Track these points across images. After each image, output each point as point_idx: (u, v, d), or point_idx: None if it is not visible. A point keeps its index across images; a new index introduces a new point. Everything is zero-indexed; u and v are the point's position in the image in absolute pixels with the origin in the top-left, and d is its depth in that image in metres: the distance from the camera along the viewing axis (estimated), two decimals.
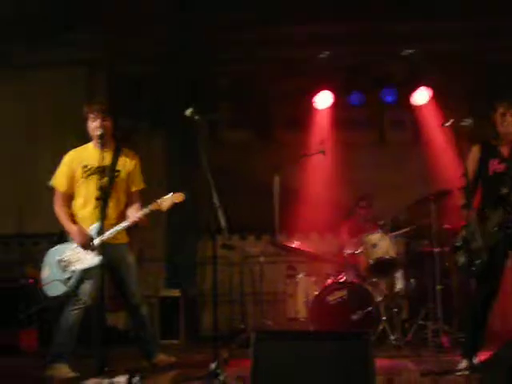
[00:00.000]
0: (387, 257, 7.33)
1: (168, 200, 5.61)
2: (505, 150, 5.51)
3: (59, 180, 5.88)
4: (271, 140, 9.50)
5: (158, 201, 5.62)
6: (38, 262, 6.04)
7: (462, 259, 5.37)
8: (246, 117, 9.48)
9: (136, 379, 4.85)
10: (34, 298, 7.75)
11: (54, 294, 5.75)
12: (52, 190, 5.91)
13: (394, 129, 9.36)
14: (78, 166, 5.84)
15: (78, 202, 5.86)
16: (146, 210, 5.65)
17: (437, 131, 8.57)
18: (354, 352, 4.32)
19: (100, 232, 5.40)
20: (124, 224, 5.69)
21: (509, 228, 5.25)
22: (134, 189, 5.95)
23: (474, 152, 5.61)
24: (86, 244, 5.64)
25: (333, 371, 4.25)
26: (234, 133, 9.66)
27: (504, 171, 5.41)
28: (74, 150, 5.95)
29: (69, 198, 5.87)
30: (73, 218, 5.85)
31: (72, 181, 5.85)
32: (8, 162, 9.04)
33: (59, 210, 5.84)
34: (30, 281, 7.94)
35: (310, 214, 8.71)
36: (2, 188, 9.10)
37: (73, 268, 5.68)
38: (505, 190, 5.27)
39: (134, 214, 5.72)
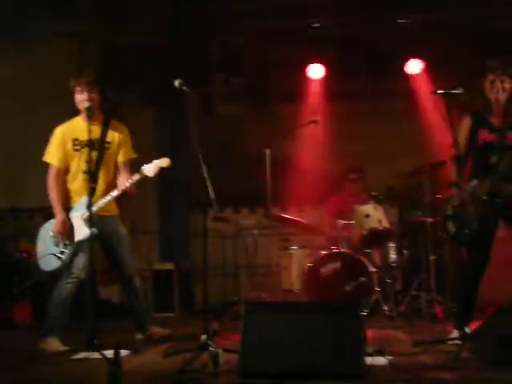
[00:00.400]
0: (380, 227, 7.32)
1: (153, 166, 5.59)
2: (495, 120, 5.49)
3: (54, 154, 5.87)
4: (264, 112, 9.43)
5: (143, 168, 5.61)
6: (32, 237, 6.05)
7: (452, 228, 5.36)
8: (238, 89, 9.40)
9: (124, 352, 4.85)
10: (27, 273, 7.77)
11: (49, 269, 5.79)
12: (47, 165, 5.91)
13: (386, 99, 9.28)
14: (68, 140, 5.84)
15: (70, 175, 5.87)
16: (133, 179, 5.64)
17: (430, 101, 8.52)
18: (346, 323, 4.32)
19: (89, 205, 5.37)
20: (113, 194, 5.68)
21: (498, 197, 5.24)
22: (122, 158, 5.93)
23: (466, 122, 5.59)
24: (62, 236, 5.67)
25: (324, 342, 4.24)
26: (228, 105, 9.58)
27: (493, 140, 5.40)
28: (63, 124, 5.93)
29: (63, 172, 5.88)
30: (67, 192, 5.86)
31: (64, 155, 5.85)
32: (1, 135, 9.00)
33: (52, 189, 5.84)
34: (24, 255, 7.95)
35: (303, 186, 8.69)
36: None
37: (66, 242, 5.69)
38: (494, 159, 5.27)
39: (122, 183, 5.71)
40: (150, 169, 5.60)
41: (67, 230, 5.69)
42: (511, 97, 5.46)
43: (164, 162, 5.63)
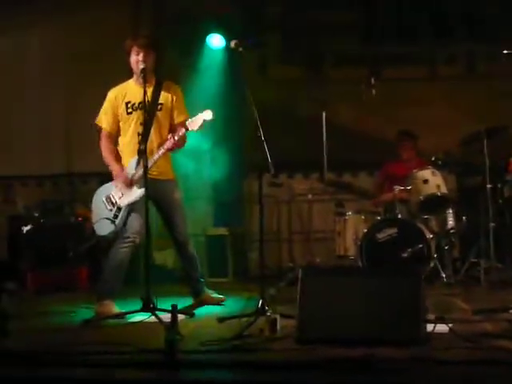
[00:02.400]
0: (439, 193, 7.15)
1: (198, 119, 5.47)
2: None
3: (103, 118, 5.87)
4: (321, 74, 9.25)
5: (187, 122, 5.51)
6: (87, 201, 6.06)
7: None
8: (295, 52, 9.24)
9: (179, 315, 4.83)
10: (83, 237, 7.83)
11: (103, 233, 5.81)
12: (97, 128, 5.89)
13: (445, 63, 9.02)
14: (121, 103, 5.80)
15: (123, 139, 5.85)
16: (178, 134, 5.55)
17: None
18: (405, 288, 4.23)
19: (143, 166, 5.35)
20: (159, 152, 5.60)
21: None
22: (176, 121, 5.84)
23: None
24: (127, 183, 5.64)
25: (382, 308, 4.17)
26: (284, 68, 9.41)
27: None
28: (115, 88, 5.90)
29: (114, 135, 5.86)
30: (118, 156, 5.83)
31: (116, 118, 5.82)
32: (56, 100, 9.03)
33: (104, 149, 5.85)
34: (79, 219, 8.00)
35: (359, 151, 8.54)
36: (51, 126, 9.11)
37: (118, 205, 5.68)
38: None
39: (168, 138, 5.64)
40: (195, 122, 5.48)
41: (128, 180, 5.65)
42: None
43: (207, 114, 5.47)
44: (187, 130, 5.51)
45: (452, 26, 8.77)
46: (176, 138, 5.55)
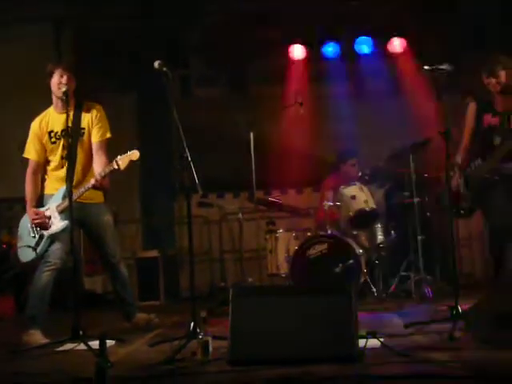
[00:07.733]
0: (367, 209, 7.21)
1: (125, 158, 5.32)
2: (498, 105, 5.73)
3: (31, 149, 5.77)
4: (246, 94, 9.29)
5: (115, 160, 5.32)
6: (11, 227, 5.91)
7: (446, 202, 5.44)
8: (219, 72, 9.26)
9: (109, 342, 4.72)
10: (8, 264, 7.63)
11: (25, 260, 5.71)
12: (26, 160, 5.79)
13: (370, 79, 9.17)
14: (45, 133, 5.71)
15: (51, 165, 5.75)
16: (105, 171, 5.40)
17: (414, 80, 8.47)
18: (337, 306, 4.22)
19: (67, 194, 5.24)
20: (86, 186, 5.48)
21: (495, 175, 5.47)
22: (95, 139, 5.66)
23: (471, 109, 5.83)
24: (39, 227, 5.57)
25: (315, 326, 4.15)
26: (207, 88, 9.43)
27: (497, 124, 5.66)
28: (37, 118, 5.79)
29: (42, 165, 5.77)
30: (43, 184, 5.75)
31: (42, 148, 5.73)
32: None
33: (27, 183, 5.77)
34: (4, 246, 7.80)
35: (288, 169, 8.58)
36: None
37: (41, 234, 5.57)
38: (497, 141, 5.57)
39: (97, 172, 5.52)
40: (121, 161, 5.29)
41: (42, 221, 5.56)
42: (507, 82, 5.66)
43: (133, 154, 5.32)
44: (113, 169, 5.36)
45: None
46: (98, 177, 5.41)
